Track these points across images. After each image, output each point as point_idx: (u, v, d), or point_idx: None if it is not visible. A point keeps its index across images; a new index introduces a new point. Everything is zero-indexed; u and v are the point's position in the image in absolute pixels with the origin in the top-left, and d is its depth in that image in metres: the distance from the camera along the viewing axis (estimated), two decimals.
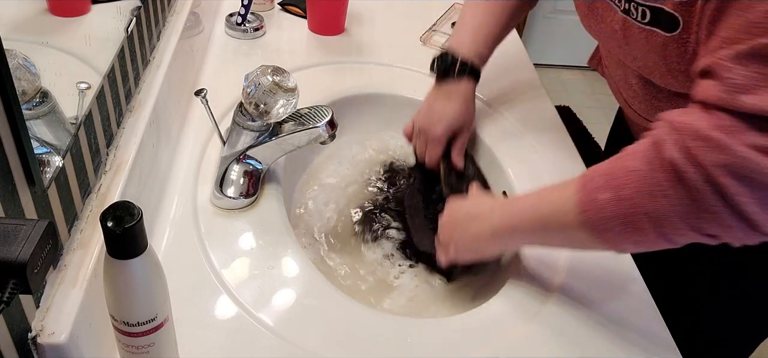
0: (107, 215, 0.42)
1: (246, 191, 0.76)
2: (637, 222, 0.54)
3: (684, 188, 0.50)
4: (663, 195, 0.52)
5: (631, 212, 0.54)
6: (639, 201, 0.53)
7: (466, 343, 0.63)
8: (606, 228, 0.56)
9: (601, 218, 0.56)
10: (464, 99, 0.88)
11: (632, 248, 0.57)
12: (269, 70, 0.72)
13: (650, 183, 0.53)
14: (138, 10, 0.75)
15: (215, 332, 0.61)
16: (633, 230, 0.54)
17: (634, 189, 0.54)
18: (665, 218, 0.52)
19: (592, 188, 0.57)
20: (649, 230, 0.53)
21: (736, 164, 0.48)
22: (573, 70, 3.06)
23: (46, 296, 0.50)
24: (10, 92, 0.42)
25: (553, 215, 0.61)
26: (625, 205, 0.54)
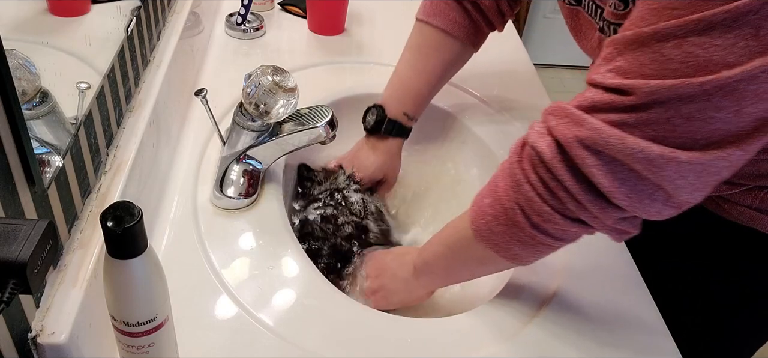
0: (107, 215, 0.42)
1: (246, 191, 0.76)
2: (512, 217, 0.55)
3: (541, 167, 0.52)
4: (526, 181, 0.53)
5: (505, 208, 0.56)
6: (509, 194, 0.55)
7: (466, 343, 0.63)
8: (492, 233, 0.58)
9: (486, 223, 0.58)
10: (389, 155, 0.90)
11: (525, 253, 0.58)
12: (269, 70, 0.72)
13: (515, 173, 0.55)
14: (138, 10, 0.75)
15: (215, 332, 0.61)
16: (511, 227, 0.56)
17: (503, 185, 0.56)
18: (530, 204, 0.53)
19: (478, 199, 0.60)
20: (524, 223, 0.55)
21: (588, 136, 0.48)
22: (573, 70, 3.06)
23: (46, 296, 0.50)
24: (10, 92, 0.42)
25: (454, 237, 0.64)
26: (500, 202, 0.56)
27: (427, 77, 0.88)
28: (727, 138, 0.45)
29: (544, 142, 0.52)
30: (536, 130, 0.54)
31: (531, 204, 0.54)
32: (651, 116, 0.46)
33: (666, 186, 0.48)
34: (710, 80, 0.43)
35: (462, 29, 0.84)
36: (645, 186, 0.49)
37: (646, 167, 0.47)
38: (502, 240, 0.58)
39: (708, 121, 0.45)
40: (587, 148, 0.49)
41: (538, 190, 0.53)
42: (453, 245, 0.65)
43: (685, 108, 0.45)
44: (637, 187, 0.49)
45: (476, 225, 0.59)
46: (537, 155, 0.52)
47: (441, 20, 0.84)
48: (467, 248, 0.62)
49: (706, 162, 0.46)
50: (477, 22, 0.85)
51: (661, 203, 0.50)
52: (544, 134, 0.52)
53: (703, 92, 0.43)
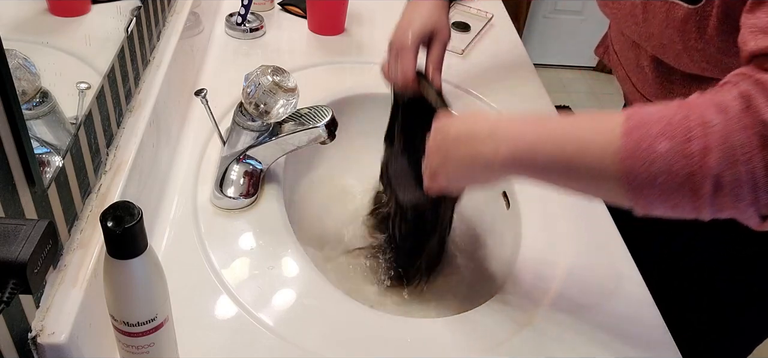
0: (107, 215, 0.42)
1: (246, 191, 0.76)
2: (697, 185, 0.44)
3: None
4: (745, 160, 0.43)
5: (693, 172, 0.44)
6: (709, 161, 0.44)
7: (466, 343, 0.63)
8: (650, 184, 0.46)
9: (650, 171, 0.46)
10: (433, 6, 0.82)
11: (660, 212, 0.48)
12: (269, 70, 0.72)
13: (733, 143, 0.43)
14: (138, 10, 0.75)
15: (215, 332, 0.61)
16: (685, 192, 0.45)
17: (705, 145, 0.44)
18: (735, 185, 0.44)
19: (646, 134, 0.46)
20: (706, 196, 0.44)
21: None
22: (573, 70, 3.06)
23: (46, 296, 0.50)
24: (10, 92, 0.42)
25: (583, 156, 0.50)
26: (688, 162, 0.44)
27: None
28: None
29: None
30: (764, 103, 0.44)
31: (737, 187, 0.44)
32: None
33: None
34: None
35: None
36: None
37: None
38: (655, 196, 0.46)
39: None
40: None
41: (758, 178, 0.43)
42: (575, 161, 0.50)
43: None
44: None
45: (632, 166, 0.46)
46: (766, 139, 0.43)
47: None
48: (597, 176, 0.49)
49: None
50: None
51: None
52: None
53: None
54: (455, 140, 0.60)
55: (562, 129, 0.52)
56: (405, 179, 0.76)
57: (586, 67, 3.01)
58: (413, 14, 0.82)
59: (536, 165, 0.53)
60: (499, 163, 0.55)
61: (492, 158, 0.55)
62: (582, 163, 0.50)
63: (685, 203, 0.46)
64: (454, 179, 0.62)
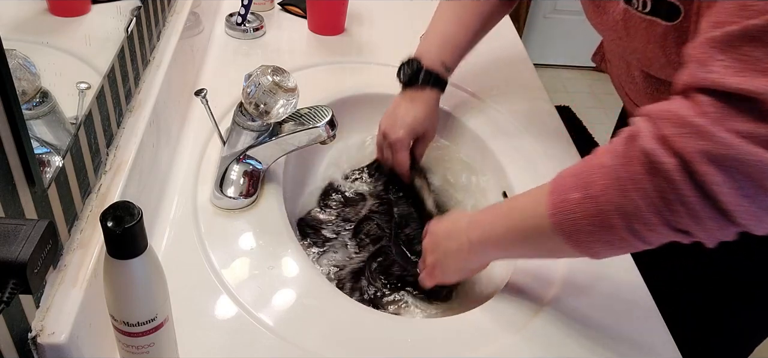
0: (107, 215, 0.42)
1: (246, 191, 0.76)
2: (607, 220, 0.51)
3: (658, 177, 0.48)
4: (635, 188, 0.49)
5: (601, 210, 0.52)
6: (609, 197, 0.51)
7: (466, 343, 0.63)
8: (576, 229, 0.54)
9: (571, 219, 0.54)
10: (428, 106, 0.88)
11: (606, 251, 0.55)
12: (269, 70, 0.72)
13: (622, 176, 0.50)
14: (138, 10, 0.75)
15: (215, 332, 0.61)
16: (604, 229, 0.52)
17: (603, 185, 0.52)
18: (636, 212, 0.50)
19: (561, 190, 0.55)
20: (620, 228, 0.51)
21: (717, 151, 0.45)
22: (573, 70, 3.06)
23: (46, 296, 0.50)
24: (10, 92, 0.42)
25: (525, 222, 0.60)
26: (595, 202, 0.52)
27: (465, 29, 0.87)
28: None
29: (663, 152, 0.48)
30: (648, 133, 0.49)
31: (637, 212, 0.50)
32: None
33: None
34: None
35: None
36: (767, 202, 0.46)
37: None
38: (586, 239, 0.54)
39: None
40: (714, 163, 0.46)
41: (652, 200, 0.49)
42: (521, 229, 0.60)
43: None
44: (763, 204, 0.46)
45: (558, 219, 0.55)
46: (654, 165, 0.48)
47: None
48: (539, 237, 0.58)
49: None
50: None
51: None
52: (661, 143, 0.48)
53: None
54: (445, 238, 0.69)
55: (509, 205, 0.65)
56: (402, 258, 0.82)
57: (586, 67, 3.01)
58: (409, 110, 0.87)
59: (499, 240, 0.63)
60: (474, 249, 0.66)
61: (468, 246, 0.66)
62: (527, 228, 0.59)
63: (613, 239, 0.52)
64: (449, 271, 0.70)
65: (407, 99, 0.88)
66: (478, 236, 0.65)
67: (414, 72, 0.86)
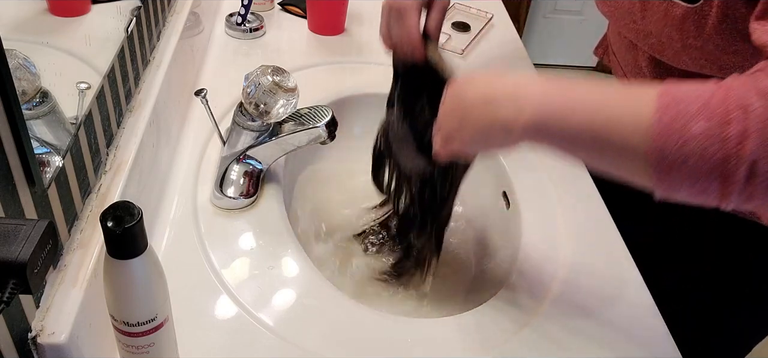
0: (107, 215, 0.42)
1: (246, 191, 0.76)
2: (730, 170, 0.42)
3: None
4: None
5: (728, 156, 0.42)
6: (747, 146, 0.42)
7: (466, 343, 0.63)
8: (681, 165, 0.44)
9: (682, 152, 0.43)
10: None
11: (684, 197, 0.46)
12: (269, 70, 0.72)
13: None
14: (138, 10, 0.75)
15: (215, 332, 0.61)
16: (715, 177, 0.43)
17: (743, 128, 0.42)
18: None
19: (681, 112, 0.44)
20: (739, 182, 0.43)
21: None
22: (573, 70, 3.06)
23: (46, 296, 0.50)
24: (10, 92, 0.42)
25: (612, 129, 0.47)
26: (724, 145, 0.42)
27: None
28: None
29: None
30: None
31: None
32: None
33: None
34: None
35: None
36: None
37: None
38: (682, 179, 0.44)
39: None
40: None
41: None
42: (604, 133, 0.48)
43: None
44: None
45: (664, 146, 0.44)
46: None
47: None
48: (622, 152, 0.47)
49: None
50: None
51: None
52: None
53: None
54: (473, 103, 0.56)
55: (591, 98, 0.49)
56: (407, 146, 0.71)
57: (586, 67, 3.01)
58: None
59: (562, 134, 0.50)
60: (520, 129, 0.52)
61: (513, 123, 0.52)
62: (610, 137, 0.47)
63: (713, 189, 0.44)
64: (469, 143, 0.58)
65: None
66: (536, 117, 0.51)
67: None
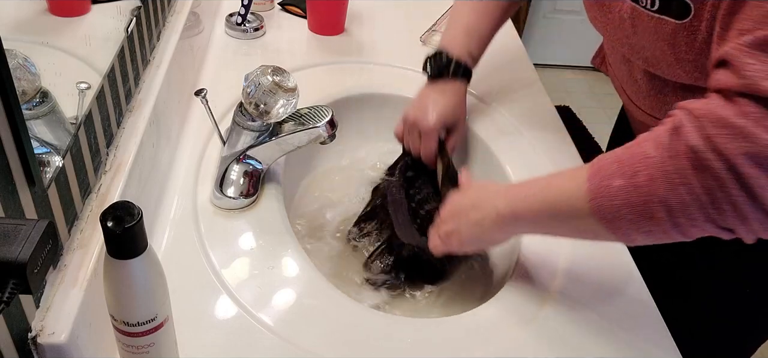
0: (107, 215, 0.42)
1: (246, 191, 0.76)
2: (651, 211, 0.51)
3: (705, 176, 0.48)
4: (682, 183, 0.50)
5: (645, 200, 0.51)
6: (655, 189, 0.51)
7: (466, 343, 0.63)
8: (617, 216, 0.54)
9: (613, 206, 0.53)
10: (458, 96, 0.87)
11: (642, 240, 0.55)
12: (269, 70, 0.72)
13: (668, 170, 0.50)
14: (138, 10, 0.75)
15: (215, 332, 0.61)
16: (646, 219, 0.52)
17: (648, 176, 0.51)
18: (682, 207, 0.50)
19: (604, 175, 0.55)
20: (664, 220, 0.51)
21: (761, 153, 0.46)
22: (573, 70, 3.07)
23: (46, 296, 0.50)
24: (10, 92, 0.42)
25: (562, 203, 0.59)
26: (639, 192, 0.52)
27: (487, 19, 0.87)
28: None
29: (709, 151, 0.48)
30: (692, 129, 0.50)
31: (683, 207, 0.50)
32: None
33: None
34: None
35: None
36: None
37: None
38: (628, 227, 0.54)
39: None
40: (758, 165, 0.46)
41: (699, 197, 0.49)
42: (558, 209, 0.59)
43: None
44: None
45: (598, 204, 0.54)
46: (702, 163, 0.48)
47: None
48: (575, 219, 0.58)
49: None
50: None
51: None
52: (706, 141, 0.48)
53: None
54: (467, 207, 0.68)
55: (544, 182, 0.62)
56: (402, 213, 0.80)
57: (586, 67, 3.01)
58: (439, 99, 0.86)
59: (529, 216, 0.62)
60: (500, 220, 0.64)
61: (495, 216, 0.64)
62: (562, 208, 0.59)
63: (654, 229, 0.52)
64: (466, 241, 0.68)
65: (437, 90, 0.87)
66: (508, 209, 0.63)
67: (444, 64, 0.85)
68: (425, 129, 0.84)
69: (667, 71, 0.69)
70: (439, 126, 0.84)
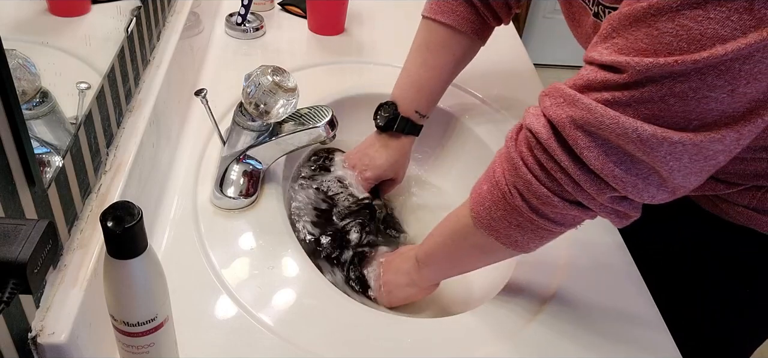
0: (107, 215, 0.42)
1: (246, 191, 0.76)
2: (510, 201, 0.55)
3: (538, 149, 0.52)
4: (522, 163, 0.53)
5: (503, 192, 0.56)
6: (508, 178, 0.55)
7: (467, 343, 0.63)
8: (492, 218, 0.58)
9: (485, 209, 0.58)
10: (401, 152, 0.90)
11: (528, 240, 0.58)
12: (269, 70, 0.72)
13: (512, 156, 0.55)
14: (138, 10, 0.75)
15: (215, 332, 0.61)
16: (510, 211, 0.56)
17: (500, 168, 0.56)
18: (528, 186, 0.53)
19: (477, 185, 0.60)
20: (523, 208, 0.55)
21: (581, 116, 0.48)
22: (573, 70, 3.04)
23: (46, 296, 0.50)
24: (10, 92, 0.42)
25: (455, 226, 0.65)
26: (498, 187, 0.56)
27: (437, 74, 0.87)
28: (721, 119, 0.45)
29: (539, 123, 0.52)
30: (532, 112, 0.54)
31: (529, 186, 0.54)
32: (644, 95, 0.46)
33: (660, 168, 0.47)
34: (704, 58, 0.42)
35: (470, 24, 0.84)
36: (639, 168, 0.48)
37: (638, 148, 0.47)
38: (502, 226, 0.58)
39: (701, 101, 0.44)
40: (580, 128, 0.49)
41: (535, 172, 0.53)
42: (453, 233, 0.65)
43: (679, 86, 0.44)
44: (631, 169, 0.49)
45: (476, 212, 0.60)
46: (533, 137, 0.52)
47: (449, 17, 0.84)
48: (468, 237, 0.63)
49: (699, 143, 0.46)
50: (484, 16, 0.84)
51: (655, 186, 0.49)
52: (539, 116, 0.52)
53: (697, 70, 0.43)
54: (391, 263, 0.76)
55: (441, 225, 0.68)
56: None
57: None
58: (381, 154, 0.89)
59: (438, 249, 0.69)
60: (417, 266, 0.71)
61: (415, 263, 0.72)
62: (458, 232, 0.65)
63: (526, 223, 0.57)
64: (393, 293, 0.75)
65: (381, 143, 0.90)
66: (422, 252, 0.71)
67: (390, 119, 0.87)
68: (360, 180, 0.89)
69: None
70: (373, 180, 0.90)
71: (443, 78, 0.88)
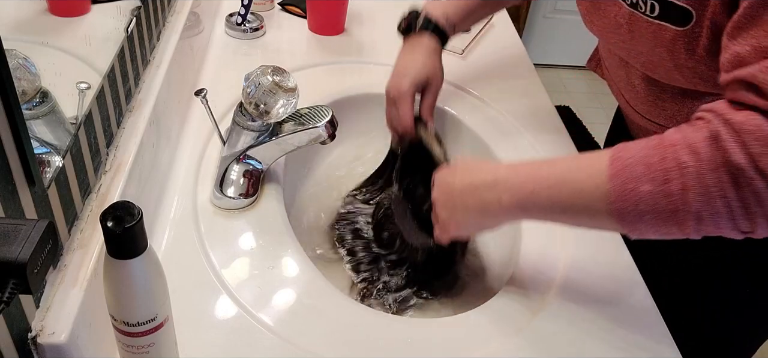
0: (107, 215, 0.42)
1: (246, 191, 0.76)
2: (680, 219, 0.50)
3: (745, 192, 0.47)
4: (720, 196, 0.48)
5: (675, 209, 0.50)
6: (689, 199, 0.49)
7: (466, 343, 0.63)
8: (639, 220, 0.52)
9: (638, 210, 0.51)
10: (428, 52, 0.85)
11: (654, 236, 0.53)
12: (269, 70, 0.72)
13: (707, 183, 0.48)
14: (138, 10, 0.75)
15: (215, 332, 0.61)
16: (672, 225, 0.51)
17: (682, 185, 0.49)
18: (714, 217, 0.49)
19: (628, 177, 0.52)
20: (690, 228, 0.50)
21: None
22: (573, 70, 3.07)
23: (46, 296, 0.50)
24: (10, 92, 0.42)
25: (577, 199, 0.55)
26: (669, 201, 0.50)
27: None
28: None
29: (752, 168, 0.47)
30: (734, 144, 0.48)
31: (715, 218, 0.49)
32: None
33: None
34: None
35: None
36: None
37: None
38: (646, 228, 0.52)
39: None
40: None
41: (735, 210, 0.48)
42: (570, 204, 0.56)
43: None
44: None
45: (622, 206, 0.52)
46: (746, 180, 0.47)
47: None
48: (589, 216, 0.56)
49: None
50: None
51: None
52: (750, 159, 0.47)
53: None
54: (461, 193, 0.64)
55: (556, 175, 0.58)
56: (410, 225, 0.79)
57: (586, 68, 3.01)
58: (409, 61, 0.85)
59: (538, 209, 0.59)
60: (504, 211, 0.61)
61: (496, 208, 0.61)
62: (577, 205, 0.56)
63: (673, 232, 0.52)
64: (464, 228, 0.66)
65: (407, 50, 0.86)
66: (514, 201, 0.60)
67: (413, 18, 0.84)
68: (398, 95, 0.83)
69: (665, 76, 0.69)
70: (411, 88, 0.83)
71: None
